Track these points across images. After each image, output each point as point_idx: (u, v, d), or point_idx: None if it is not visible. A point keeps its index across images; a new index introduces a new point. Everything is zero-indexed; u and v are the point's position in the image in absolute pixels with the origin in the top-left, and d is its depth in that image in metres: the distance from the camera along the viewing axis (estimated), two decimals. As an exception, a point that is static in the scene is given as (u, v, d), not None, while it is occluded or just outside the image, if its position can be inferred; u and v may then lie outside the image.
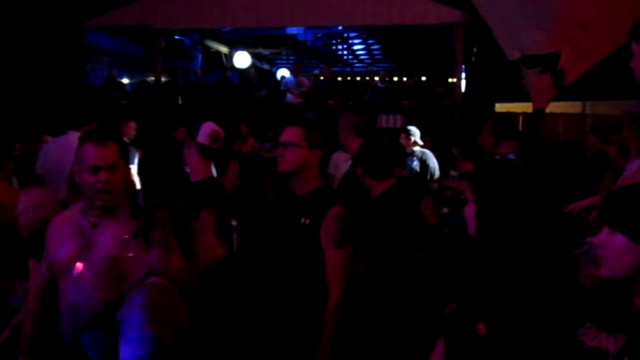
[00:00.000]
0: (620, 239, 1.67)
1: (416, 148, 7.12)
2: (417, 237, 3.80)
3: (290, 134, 2.87)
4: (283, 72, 15.89)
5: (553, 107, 8.21)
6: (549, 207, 2.00)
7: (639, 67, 2.71)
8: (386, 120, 11.13)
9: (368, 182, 3.85)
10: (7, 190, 4.17)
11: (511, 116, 11.59)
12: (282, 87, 13.02)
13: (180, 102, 12.78)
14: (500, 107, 11.99)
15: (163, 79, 12.97)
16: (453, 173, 6.58)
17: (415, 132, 7.21)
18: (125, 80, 13.88)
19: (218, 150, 3.73)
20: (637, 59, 2.70)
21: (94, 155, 2.52)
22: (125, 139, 6.85)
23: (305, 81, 13.01)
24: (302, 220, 2.80)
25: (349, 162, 4.72)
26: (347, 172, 4.48)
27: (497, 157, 4.12)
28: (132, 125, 8.68)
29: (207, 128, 3.72)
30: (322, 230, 2.76)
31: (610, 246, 1.70)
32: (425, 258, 3.80)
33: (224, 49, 15.08)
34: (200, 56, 14.57)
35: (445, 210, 5.39)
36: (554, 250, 1.94)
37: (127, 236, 2.43)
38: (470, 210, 1.98)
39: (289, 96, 12.50)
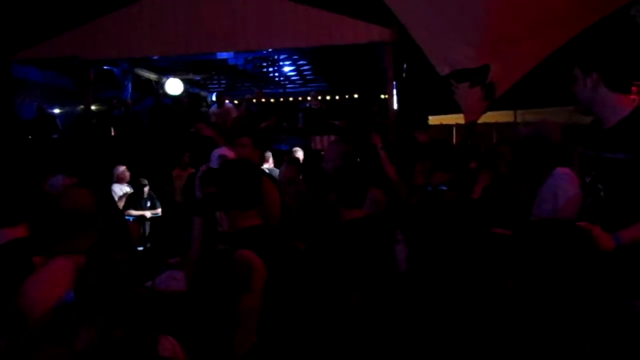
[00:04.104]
0: None
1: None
2: (358, 277, 3.41)
3: None
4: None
5: (486, 117, 8.43)
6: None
7: (581, 92, 2.86)
8: (320, 141, 11.18)
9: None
10: None
11: (444, 128, 11.84)
12: (211, 119, 12.64)
13: (113, 133, 12.56)
14: (433, 120, 12.20)
15: (94, 108, 12.77)
16: None
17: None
18: (56, 111, 13.62)
19: None
20: (580, 84, 2.85)
21: None
22: None
23: (231, 107, 12.97)
24: None
25: None
26: None
27: (429, 187, 3.99)
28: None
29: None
30: None
31: None
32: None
33: (153, 77, 14.90)
34: (130, 85, 14.31)
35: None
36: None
37: None
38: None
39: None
